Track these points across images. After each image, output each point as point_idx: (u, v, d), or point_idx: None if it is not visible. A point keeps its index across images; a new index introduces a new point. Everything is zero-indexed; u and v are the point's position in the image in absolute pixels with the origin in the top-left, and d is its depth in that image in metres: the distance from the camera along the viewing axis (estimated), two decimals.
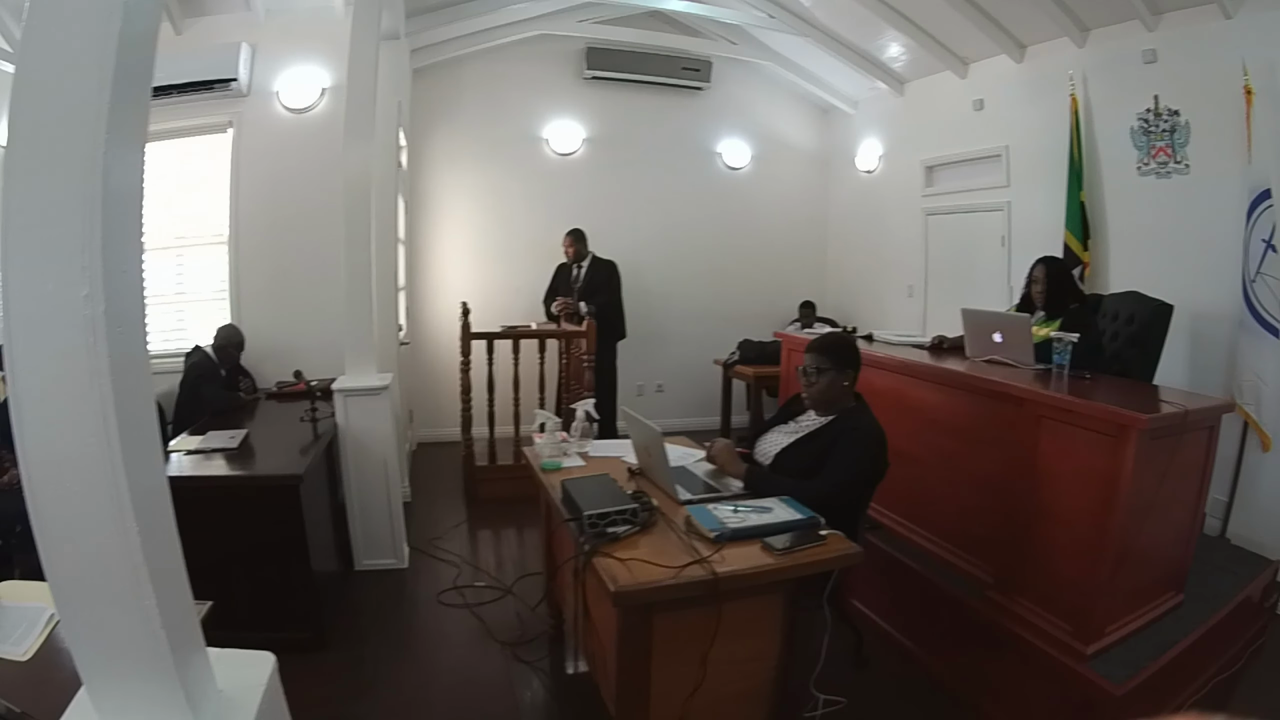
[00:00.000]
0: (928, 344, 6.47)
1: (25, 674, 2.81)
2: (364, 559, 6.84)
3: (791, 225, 12.35)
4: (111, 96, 1.67)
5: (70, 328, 1.69)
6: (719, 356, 10.95)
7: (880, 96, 11.10)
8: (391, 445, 6.84)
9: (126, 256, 1.76)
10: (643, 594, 3.41)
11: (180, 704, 1.93)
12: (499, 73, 11.05)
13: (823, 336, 4.95)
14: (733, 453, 4.70)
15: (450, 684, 5.22)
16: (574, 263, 10.03)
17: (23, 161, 1.70)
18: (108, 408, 1.72)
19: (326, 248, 8.09)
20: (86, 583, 1.86)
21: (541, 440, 5.23)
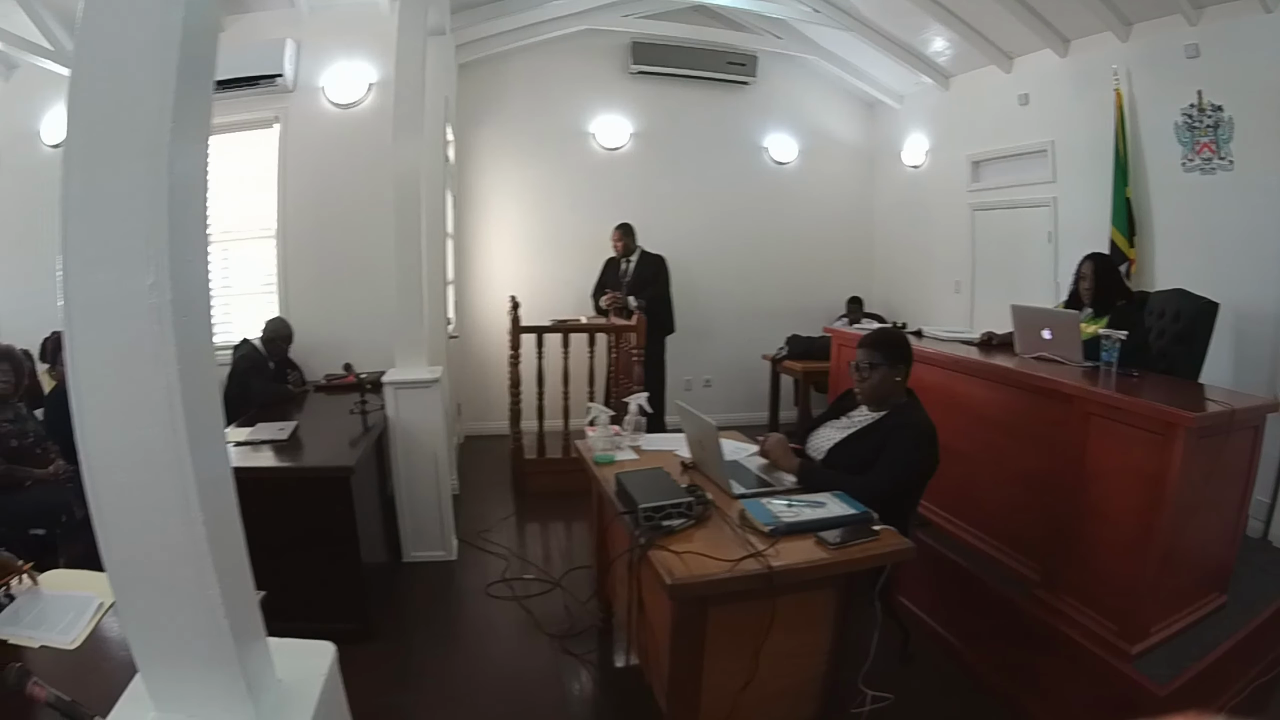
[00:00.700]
0: (976, 340, 6.42)
1: (73, 662, 2.83)
2: (412, 550, 6.87)
3: (838, 220, 12.27)
4: (176, 86, 1.66)
5: (136, 316, 1.69)
6: (767, 351, 10.91)
7: (925, 91, 11.00)
8: (441, 438, 6.85)
9: (192, 246, 1.76)
10: (698, 587, 3.41)
11: (241, 694, 1.92)
12: (545, 68, 11.06)
13: (875, 332, 4.93)
14: (786, 447, 4.68)
15: (498, 676, 5.24)
16: (623, 257, 10.03)
17: (84, 151, 1.71)
18: (174, 396, 1.71)
19: (374, 242, 8.12)
20: (148, 572, 1.86)
21: (595, 433, 5.25)
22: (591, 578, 6.09)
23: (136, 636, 1.94)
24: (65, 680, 2.12)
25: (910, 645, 4.92)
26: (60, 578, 3.53)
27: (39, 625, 3.08)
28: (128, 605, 1.92)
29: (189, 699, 1.95)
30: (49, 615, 3.16)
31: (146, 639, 1.93)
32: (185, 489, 1.76)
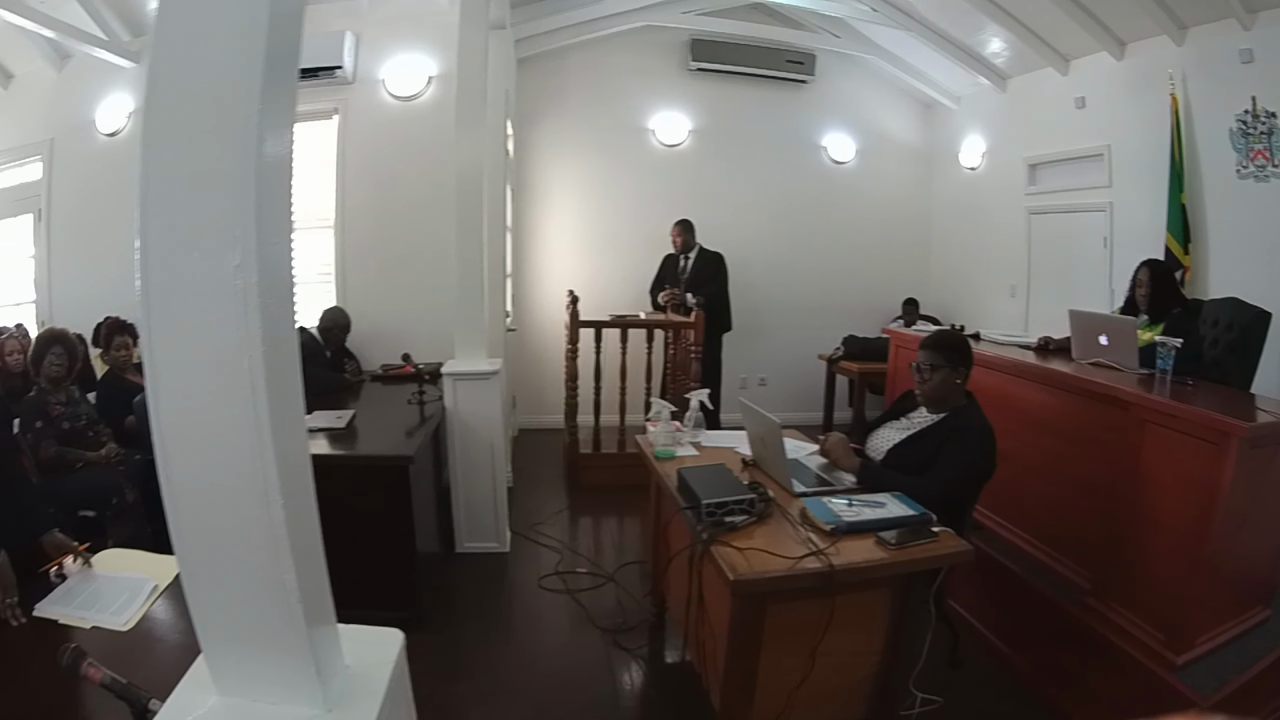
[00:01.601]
0: (1034, 344, 6.37)
1: (125, 644, 2.84)
2: (466, 541, 6.90)
3: (895, 221, 12.17)
4: (264, 69, 1.65)
5: (220, 298, 1.67)
6: (822, 351, 10.90)
7: (983, 92, 10.90)
8: (499, 430, 6.88)
9: (277, 229, 1.74)
10: (760, 584, 3.43)
11: (310, 679, 1.91)
12: (604, 63, 11.07)
13: (937, 334, 4.94)
14: (847, 447, 4.68)
15: (549, 668, 5.26)
16: (681, 253, 10.01)
17: (167, 132, 1.69)
18: (257, 379, 1.69)
19: (433, 234, 8.16)
20: (221, 555, 1.85)
21: (656, 429, 5.26)
22: (645, 573, 6.12)
23: (204, 619, 1.93)
24: (115, 662, 2.12)
25: (960, 649, 4.91)
26: (114, 558, 3.55)
27: (91, 606, 3.11)
28: (197, 588, 1.91)
29: (255, 683, 1.94)
30: (101, 596, 3.19)
31: (214, 622, 1.93)
32: (266, 473, 1.74)
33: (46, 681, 2.56)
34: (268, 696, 1.94)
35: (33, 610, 3.04)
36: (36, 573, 3.30)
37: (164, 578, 3.30)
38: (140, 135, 1.69)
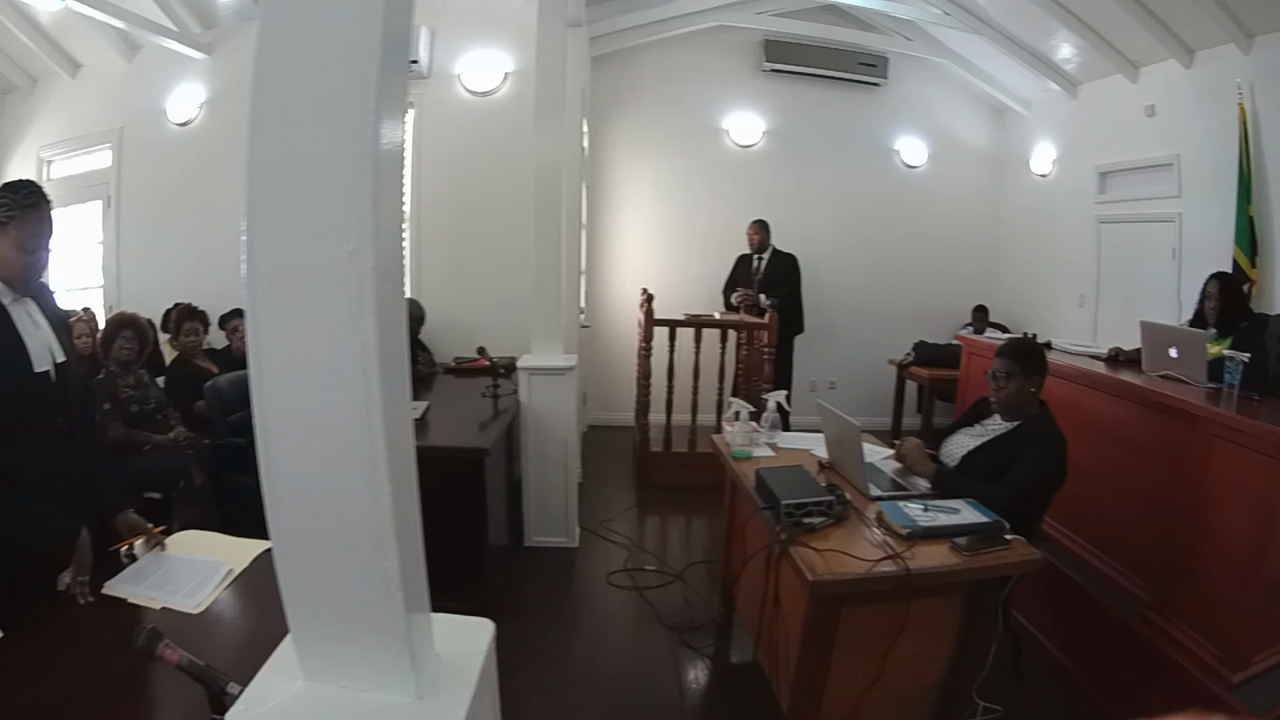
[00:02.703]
0: (1104, 355, 6.32)
1: (195, 627, 2.84)
2: (535, 535, 6.94)
3: (965, 226, 12.04)
4: (381, 56, 1.66)
5: (333, 283, 1.69)
6: (891, 355, 10.85)
7: (1053, 98, 10.76)
8: (573, 425, 6.92)
9: (391, 217, 1.75)
10: (838, 585, 3.44)
11: (404, 667, 1.91)
12: (678, 62, 11.07)
13: (1013, 341, 4.98)
14: (923, 452, 4.67)
15: (615, 664, 5.27)
16: (756, 253, 10.01)
17: (280, 117, 1.71)
18: (370, 365, 1.70)
19: (509, 228, 8.23)
20: (321, 540, 1.86)
21: (733, 429, 5.24)
22: (713, 572, 6.14)
23: (296, 603, 1.94)
24: (184, 645, 2.09)
25: (1022, 658, 4.89)
26: (188, 540, 3.56)
27: (162, 587, 3.11)
28: (292, 571, 1.92)
29: (346, 669, 1.95)
30: (174, 577, 3.19)
31: (308, 606, 1.94)
32: (374, 458, 1.75)
33: (111, 660, 2.59)
34: (357, 683, 1.95)
35: (102, 589, 3.06)
36: (107, 551, 3.31)
37: (238, 562, 3.31)
38: (249, 119, 1.72)
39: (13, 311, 3.17)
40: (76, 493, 3.37)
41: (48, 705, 2.36)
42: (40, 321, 3.31)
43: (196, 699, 2.06)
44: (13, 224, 3.07)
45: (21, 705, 2.36)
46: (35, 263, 3.18)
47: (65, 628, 2.88)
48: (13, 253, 3.10)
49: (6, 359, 3.12)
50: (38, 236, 3.13)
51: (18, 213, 3.07)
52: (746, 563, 4.60)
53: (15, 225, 3.07)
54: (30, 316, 3.26)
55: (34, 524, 3.10)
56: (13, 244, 3.08)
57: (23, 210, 3.08)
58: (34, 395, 3.20)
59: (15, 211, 3.07)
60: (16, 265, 3.12)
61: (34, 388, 3.20)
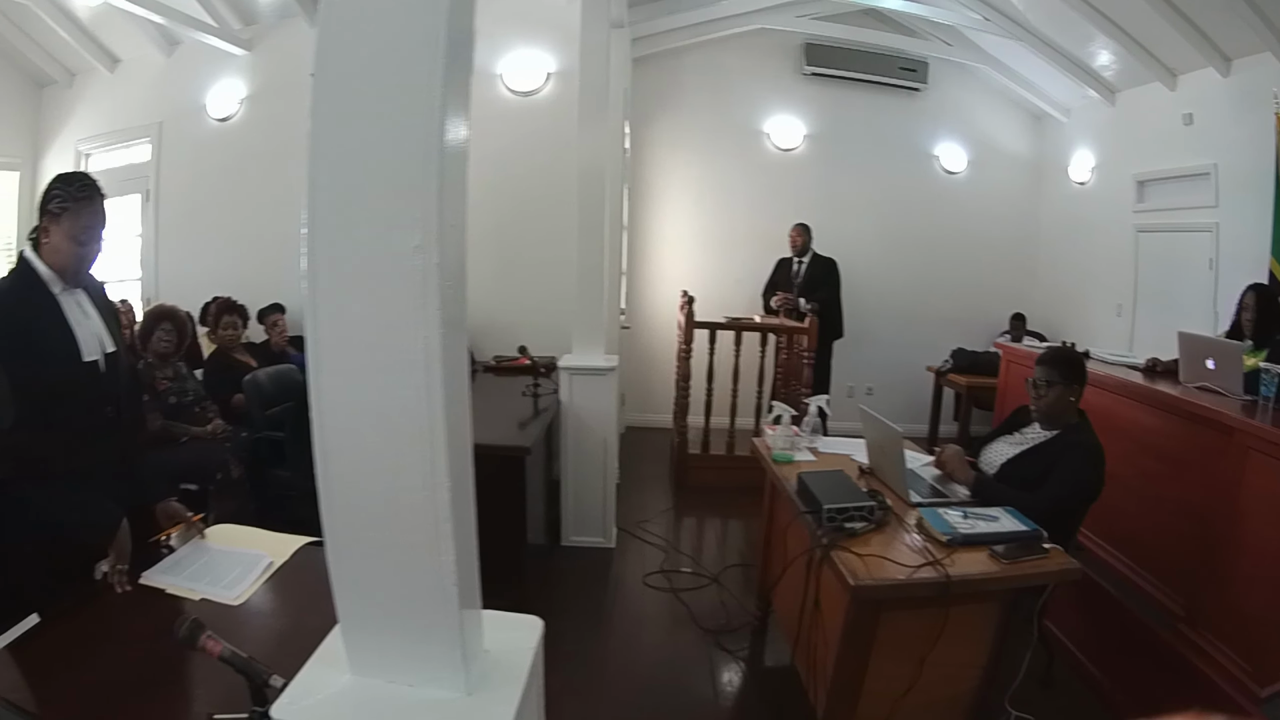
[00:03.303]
0: (1141, 365, 6.29)
1: (234, 618, 2.86)
2: (572, 535, 6.96)
3: (1003, 233, 11.95)
4: (446, 52, 1.66)
5: (397, 277, 1.70)
6: (930, 363, 10.81)
7: (1092, 105, 10.66)
8: (612, 425, 6.94)
9: (455, 213, 1.75)
10: (879, 590, 3.45)
11: (455, 663, 1.92)
12: (719, 65, 11.08)
13: (1054, 350, 4.97)
14: (963, 460, 4.66)
15: (649, 665, 5.28)
16: (796, 257, 10.01)
17: (338, 112, 1.73)
18: (433, 360, 1.71)
19: (550, 228, 8.29)
20: (376, 533, 1.87)
21: (774, 432, 5.25)
22: (749, 575, 6.15)
23: (348, 597, 1.95)
24: (223, 636, 2.11)
25: (1054, 668, 4.88)
26: (227, 533, 3.58)
27: (201, 578, 3.12)
28: (344, 565, 1.93)
29: (396, 664, 1.96)
30: (213, 569, 3.21)
31: (360, 600, 1.95)
32: (434, 454, 1.76)
33: (148, 649, 2.61)
34: (406, 678, 1.96)
35: (139, 579, 3.08)
36: (147, 541, 3.35)
37: (279, 556, 3.33)
38: (311, 112, 1.72)
39: (63, 301, 3.22)
40: (122, 481, 3.40)
41: (82, 693, 2.38)
42: (90, 312, 3.35)
43: (235, 690, 2.07)
44: (66, 215, 3.13)
45: (55, 692, 2.40)
46: (86, 254, 3.22)
47: (102, 616, 2.91)
48: (65, 243, 3.15)
49: (56, 348, 3.16)
50: (90, 229, 3.17)
51: (71, 204, 3.13)
52: (787, 567, 4.60)
53: (69, 216, 3.13)
54: (80, 306, 3.30)
55: (76, 512, 3.14)
56: (65, 235, 3.14)
57: (76, 202, 3.13)
58: (83, 384, 3.24)
59: (69, 203, 3.12)
60: (68, 256, 3.17)
61: (83, 376, 3.24)
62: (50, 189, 3.15)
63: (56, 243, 3.15)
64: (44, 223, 3.15)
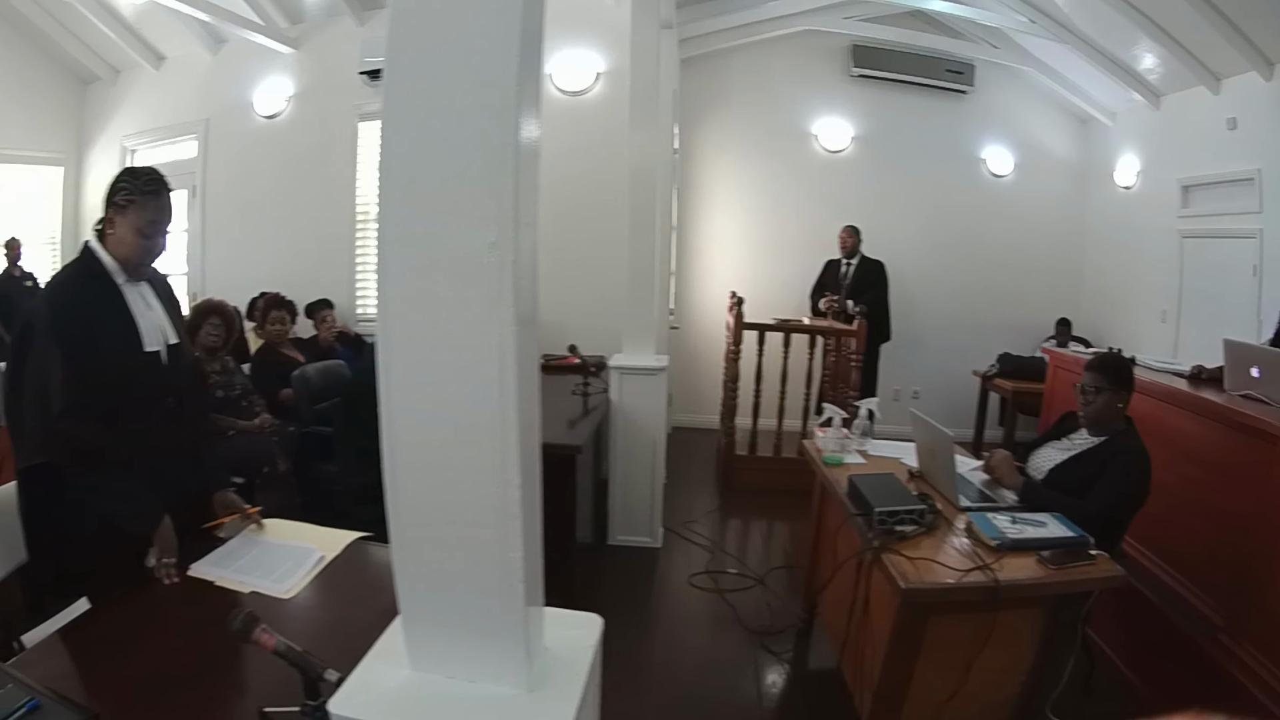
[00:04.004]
0: (1186, 372, 6.25)
1: (284, 612, 2.89)
2: (618, 534, 6.97)
3: (1049, 238, 11.85)
4: (520, 51, 1.67)
5: (471, 273, 1.70)
6: (976, 367, 10.71)
7: (1137, 109, 10.54)
8: (661, 425, 6.96)
9: (529, 211, 1.76)
10: (929, 594, 3.45)
11: (519, 660, 1.92)
12: (767, 66, 11.08)
13: (1102, 356, 4.91)
14: (1012, 465, 4.63)
15: (694, 665, 5.29)
16: (845, 258, 10.03)
17: (410, 107, 1.73)
18: (507, 357, 1.72)
19: (599, 227, 8.32)
20: (444, 529, 1.88)
21: (825, 434, 5.24)
22: (794, 577, 6.15)
23: (412, 593, 1.96)
24: (276, 630, 2.14)
25: (1095, 676, 4.86)
26: (278, 527, 3.62)
27: (251, 571, 3.16)
28: (409, 560, 1.94)
29: (457, 660, 1.96)
30: (264, 562, 3.24)
31: (423, 596, 1.95)
32: (506, 450, 1.76)
33: (195, 641, 2.65)
34: (467, 673, 1.96)
35: (188, 570, 3.13)
36: (201, 528, 3.41)
37: (330, 550, 3.36)
38: (383, 108, 1.74)
39: (126, 292, 3.28)
40: (185, 470, 3.44)
41: (132, 683, 2.41)
42: (154, 304, 3.39)
43: (285, 684, 2.09)
44: (132, 208, 3.18)
45: (105, 682, 2.42)
46: (152, 247, 3.27)
47: (151, 606, 2.95)
48: (129, 235, 3.21)
49: (118, 337, 3.21)
50: (155, 223, 3.22)
51: (138, 197, 3.18)
52: (837, 569, 4.60)
53: (135, 209, 3.18)
54: (144, 298, 3.35)
55: (120, 502, 3.18)
56: (131, 227, 3.19)
57: (142, 195, 3.18)
58: (144, 374, 3.28)
59: (135, 196, 3.17)
60: (132, 248, 3.23)
61: (144, 366, 3.28)
62: (117, 181, 3.21)
63: (121, 234, 3.21)
64: (109, 214, 3.22)
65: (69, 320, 3.09)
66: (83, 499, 3.17)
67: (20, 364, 3.16)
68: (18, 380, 3.17)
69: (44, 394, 3.04)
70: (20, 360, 3.16)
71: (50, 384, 3.02)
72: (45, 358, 3.05)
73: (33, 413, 3.11)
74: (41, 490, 3.24)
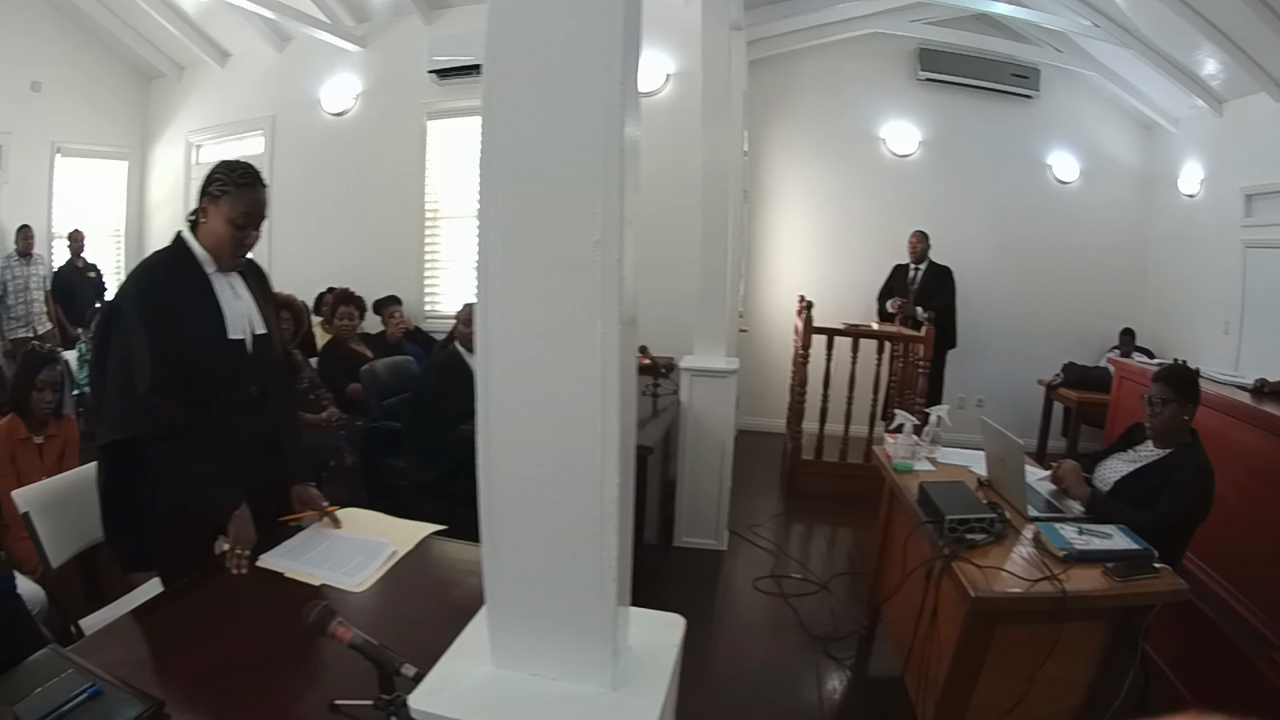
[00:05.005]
0: (1249, 386, 6.20)
1: (354, 605, 2.90)
2: (684, 536, 6.99)
3: (1113, 245, 11.64)
4: (623, 51, 1.70)
5: (575, 271, 1.72)
6: (1040, 376, 10.65)
7: (1200, 115, 10.34)
8: (730, 428, 6.96)
9: (629, 211, 1.77)
10: (998, 603, 3.47)
11: (605, 658, 1.93)
12: (834, 68, 11.04)
13: (1170, 367, 4.90)
14: (1080, 475, 4.61)
15: (756, 669, 5.30)
16: (914, 263, 9.98)
17: (513, 104, 1.74)
18: (609, 355, 1.73)
19: (668, 229, 8.27)
20: (537, 527, 1.89)
21: (896, 441, 5.23)
22: (858, 583, 6.17)
23: (500, 590, 1.97)
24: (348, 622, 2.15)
25: (1150, 692, 4.83)
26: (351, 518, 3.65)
27: (322, 563, 3.17)
28: (500, 558, 1.94)
29: (542, 657, 1.97)
30: (334, 555, 3.26)
31: (513, 593, 1.96)
32: (605, 450, 1.78)
33: (263, 631, 2.68)
34: (551, 671, 1.97)
35: (257, 561, 3.17)
36: (277, 520, 3.46)
37: (402, 545, 3.38)
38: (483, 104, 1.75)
39: (215, 281, 3.36)
40: (263, 460, 3.51)
41: (202, 672, 2.43)
42: (242, 294, 3.46)
43: (355, 678, 2.13)
44: (226, 198, 3.26)
45: (175, 670, 2.44)
46: (242, 238, 3.36)
47: (221, 594, 2.98)
48: (221, 226, 3.29)
49: (201, 323, 3.29)
50: (248, 214, 3.31)
51: (231, 189, 3.26)
52: (907, 577, 4.60)
53: (227, 200, 3.26)
54: (232, 288, 3.44)
55: (199, 487, 3.24)
56: (223, 217, 3.27)
57: (236, 187, 3.27)
58: (227, 360, 3.35)
59: (229, 187, 3.26)
60: (224, 238, 3.31)
61: (227, 353, 3.35)
62: (213, 173, 3.31)
63: (213, 224, 3.29)
64: (203, 203, 3.31)
65: (154, 302, 3.16)
66: (161, 479, 3.24)
67: (105, 344, 3.25)
68: (102, 359, 3.27)
69: (128, 373, 3.12)
70: (105, 340, 3.26)
71: (135, 363, 3.11)
72: (130, 338, 3.13)
73: (116, 391, 3.19)
74: (122, 468, 3.32)
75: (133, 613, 2.82)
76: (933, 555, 3.93)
